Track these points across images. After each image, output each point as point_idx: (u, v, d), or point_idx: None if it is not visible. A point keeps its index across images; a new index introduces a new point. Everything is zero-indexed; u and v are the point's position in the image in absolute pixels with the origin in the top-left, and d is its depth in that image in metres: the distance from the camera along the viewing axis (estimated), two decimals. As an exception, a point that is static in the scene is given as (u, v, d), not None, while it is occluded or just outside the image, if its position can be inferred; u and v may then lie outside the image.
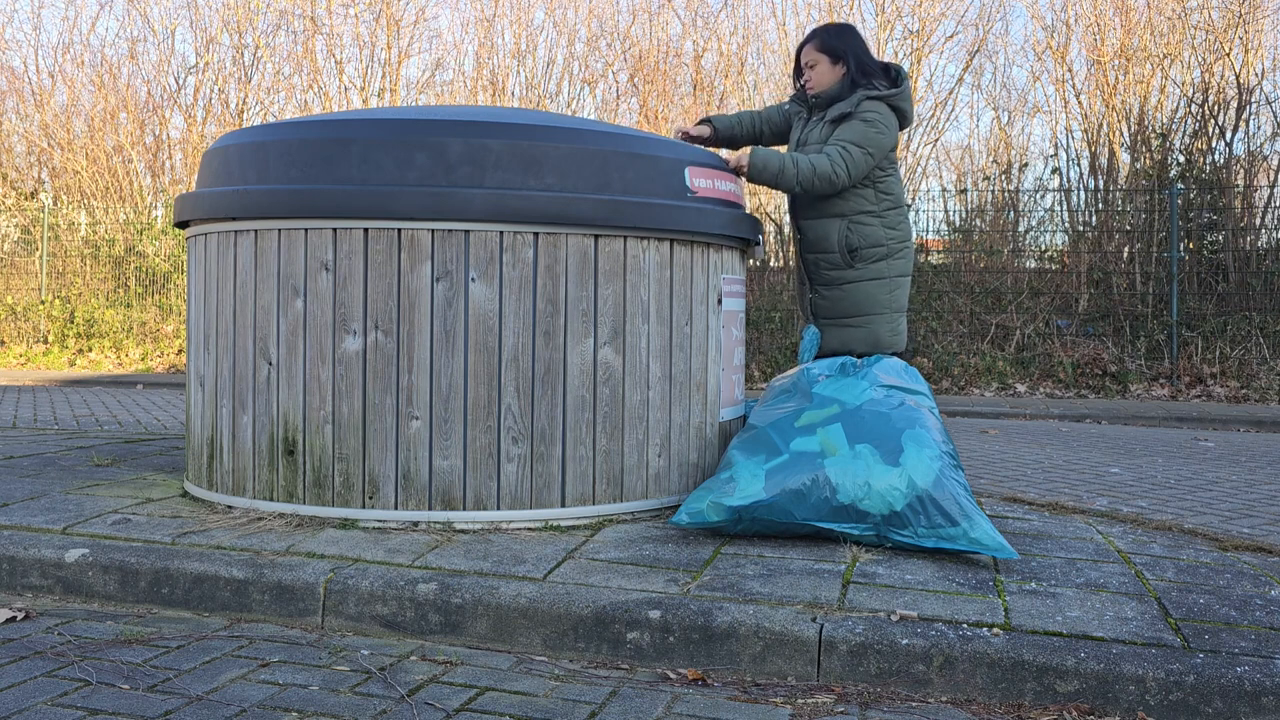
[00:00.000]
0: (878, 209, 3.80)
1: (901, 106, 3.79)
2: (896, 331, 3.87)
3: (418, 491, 3.25)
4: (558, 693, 2.32)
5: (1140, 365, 10.45)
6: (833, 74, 3.82)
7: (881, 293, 3.82)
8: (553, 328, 3.30)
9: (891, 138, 3.75)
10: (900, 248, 3.84)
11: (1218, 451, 6.45)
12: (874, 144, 3.70)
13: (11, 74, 16.23)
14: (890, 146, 3.77)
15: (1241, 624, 2.55)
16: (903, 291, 3.88)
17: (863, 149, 3.69)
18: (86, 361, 12.83)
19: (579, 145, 3.33)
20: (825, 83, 3.83)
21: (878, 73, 3.81)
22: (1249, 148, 12.09)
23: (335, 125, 3.37)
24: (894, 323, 3.86)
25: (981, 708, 2.32)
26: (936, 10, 14.26)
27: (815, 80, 3.85)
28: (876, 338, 3.84)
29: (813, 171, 3.65)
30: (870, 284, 3.81)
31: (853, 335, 3.84)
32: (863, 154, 3.68)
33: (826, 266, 3.87)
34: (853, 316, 3.85)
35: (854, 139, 3.69)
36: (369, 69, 15.42)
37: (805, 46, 3.88)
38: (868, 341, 3.83)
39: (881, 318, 3.83)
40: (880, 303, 3.83)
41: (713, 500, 3.09)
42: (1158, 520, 3.77)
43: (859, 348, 3.82)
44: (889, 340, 3.85)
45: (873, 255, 3.79)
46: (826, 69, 3.83)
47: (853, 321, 3.85)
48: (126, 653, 2.49)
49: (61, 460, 4.38)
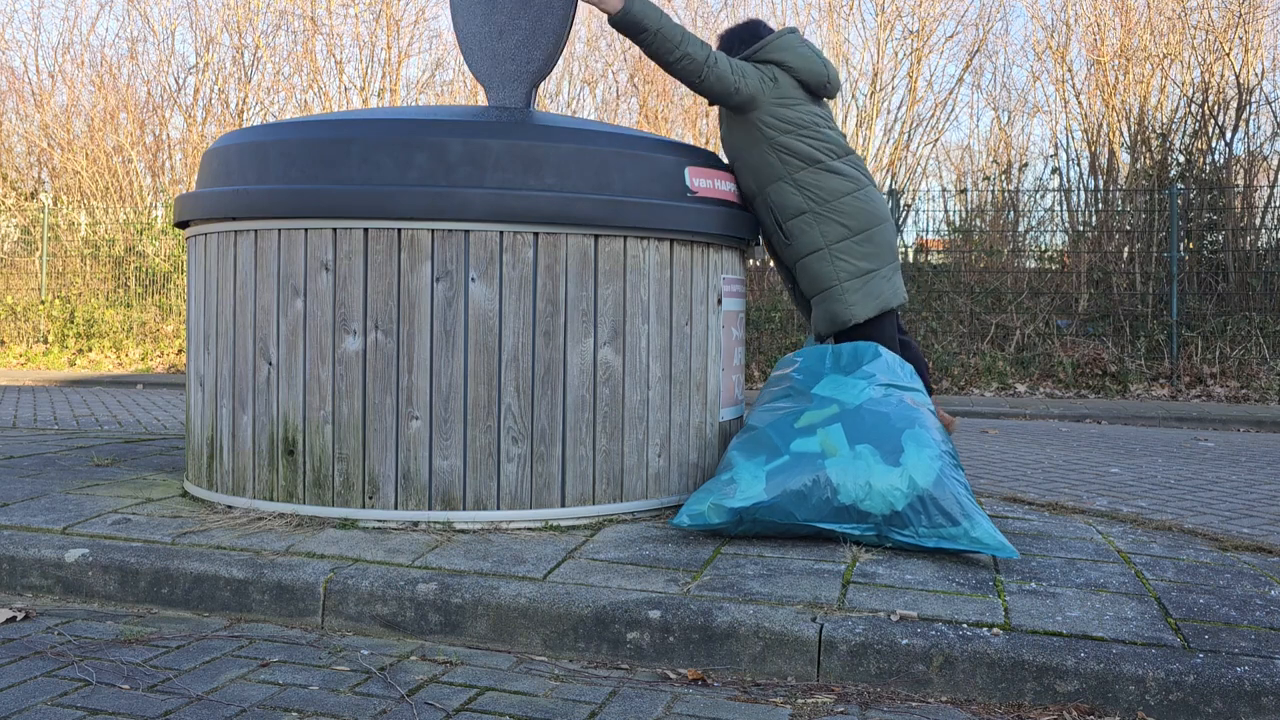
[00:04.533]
0: (785, 173, 3.65)
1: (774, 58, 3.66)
2: (852, 303, 3.63)
3: (418, 491, 3.25)
4: (558, 693, 2.32)
5: (1140, 365, 10.45)
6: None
7: (824, 265, 3.65)
8: (553, 328, 3.30)
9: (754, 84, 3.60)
10: (827, 208, 3.62)
11: (1218, 451, 6.45)
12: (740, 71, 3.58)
13: (11, 74, 16.24)
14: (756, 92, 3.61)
15: (1241, 624, 2.55)
16: (851, 257, 3.63)
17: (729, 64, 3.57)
18: (86, 361, 12.83)
19: (579, 145, 3.33)
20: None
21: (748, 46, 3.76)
22: (1249, 148, 12.09)
23: (335, 125, 3.37)
24: (849, 293, 3.64)
25: (981, 708, 2.32)
26: (936, 10, 14.26)
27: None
28: (832, 314, 3.66)
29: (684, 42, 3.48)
30: (811, 259, 3.66)
31: (819, 316, 3.71)
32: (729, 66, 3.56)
33: (779, 246, 3.77)
34: (815, 295, 3.72)
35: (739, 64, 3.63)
36: (369, 69, 15.43)
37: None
38: (827, 320, 3.68)
39: (831, 291, 3.65)
40: (825, 275, 3.65)
41: (714, 502, 3.09)
42: (1158, 520, 3.77)
43: (823, 329, 3.69)
44: (846, 314, 3.64)
45: (799, 226, 3.65)
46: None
47: (818, 300, 3.71)
48: (126, 653, 2.49)
49: (61, 460, 4.38)
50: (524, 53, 3.80)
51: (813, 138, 3.70)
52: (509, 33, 3.81)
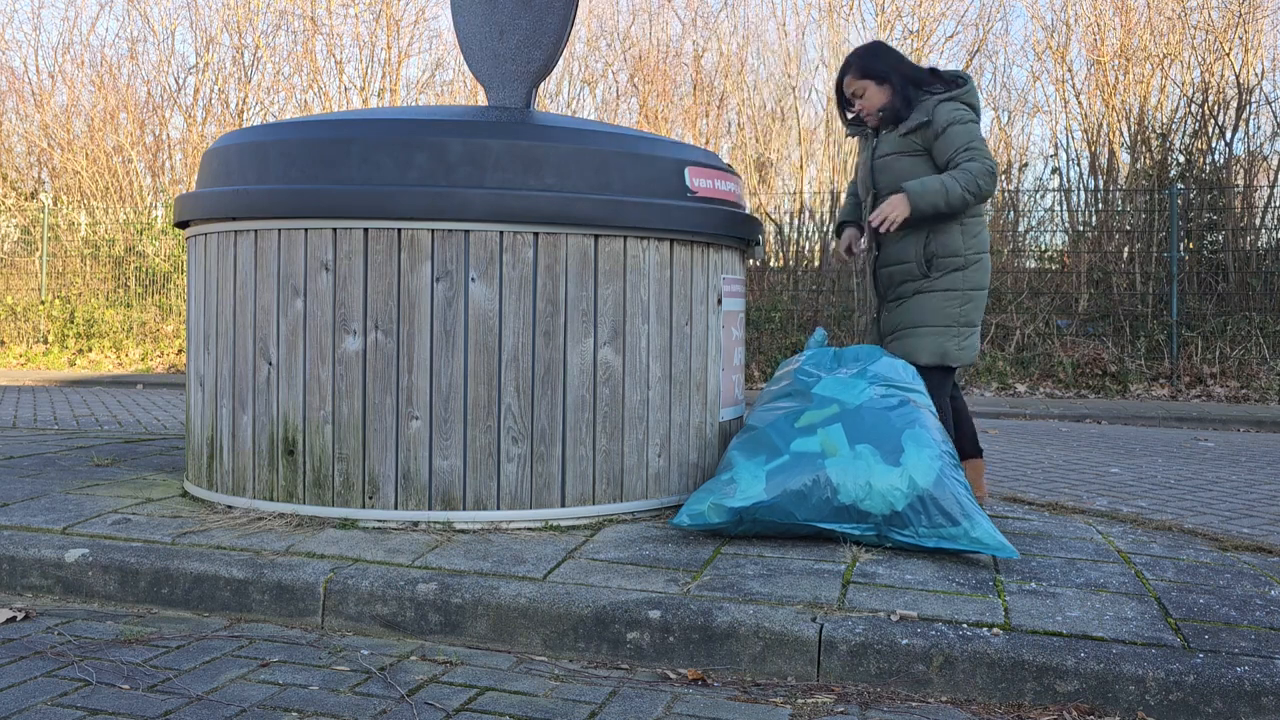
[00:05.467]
0: (961, 216, 3.65)
1: (970, 102, 3.66)
2: (963, 346, 3.66)
3: (418, 491, 3.25)
4: (558, 693, 2.32)
5: (1140, 365, 10.45)
6: (882, 94, 3.70)
7: (951, 305, 3.64)
8: (553, 328, 3.30)
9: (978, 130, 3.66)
10: (976, 259, 3.67)
11: (1218, 451, 6.45)
12: (979, 137, 3.61)
13: (11, 74, 16.24)
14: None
15: (1241, 624, 2.55)
16: (975, 306, 3.68)
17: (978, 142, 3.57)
18: (86, 361, 12.83)
19: (579, 145, 3.33)
20: (878, 103, 3.70)
21: (926, 78, 3.70)
22: (1249, 148, 12.09)
23: (335, 125, 3.37)
24: (961, 337, 3.65)
25: (981, 708, 2.32)
26: (936, 10, 14.27)
27: (867, 105, 3.73)
28: (944, 350, 3.64)
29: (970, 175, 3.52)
30: (940, 295, 3.65)
31: (919, 345, 3.65)
32: (982, 146, 3.58)
33: (902, 279, 3.72)
34: (919, 327, 3.67)
35: (966, 141, 3.56)
36: (369, 69, 15.43)
37: (845, 78, 3.76)
38: (934, 352, 3.64)
39: (948, 330, 3.64)
40: (948, 316, 3.65)
41: (714, 502, 3.09)
42: (1158, 520, 3.77)
43: (924, 359, 3.64)
44: (955, 354, 3.65)
45: (949, 265, 3.64)
46: (875, 91, 3.70)
47: (919, 332, 3.66)
48: (126, 653, 2.49)
49: (61, 460, 4.38)
50: (524, 53, 3.80)
51: None
52: (509, 33, 3.81)
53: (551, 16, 3.75)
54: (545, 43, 3.77)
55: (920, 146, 3.64)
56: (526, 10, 3.79)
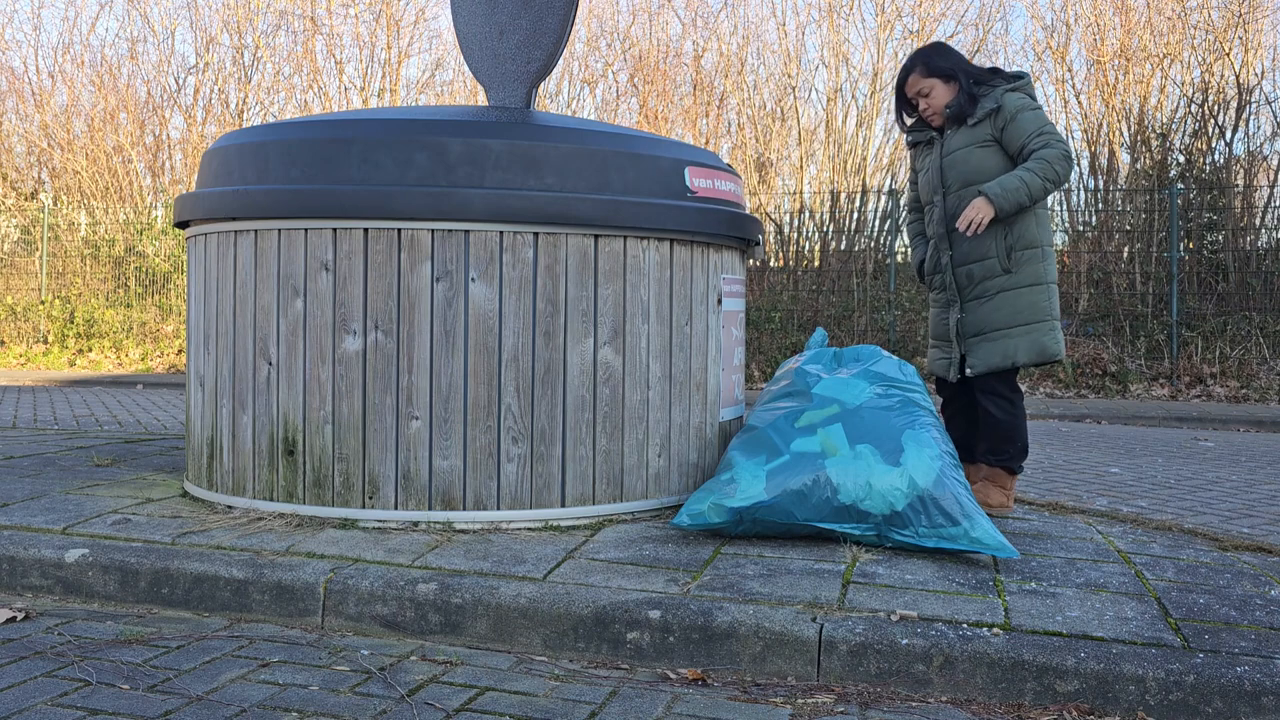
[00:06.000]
0: (1033, 206, 3.63)
1: (1032, 94, 3.68)
2: (1058, 340, 3.66)
3: (418, 491, 3.25)
4: (558, 693, 2.32)
5: (1140, 365, 10.45)
6: (949, 91, 3.70)
7: (1041, 299, 3.63)
8: (553, 328, 3.30)
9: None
10: (1050, 251, 3.69)
11: (1218, 451, 6.45)
12: (1049, 124, 3.60)
13: (11, 74, 16.24)
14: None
15: (1241, 624, 2.55)
16: (1055, 300, 3.69)
17: (1049, 126, 3.57)
18: (86, 361, 12.83)
19: (579, 145, 3.33)
20: (944, 100, 3.71)
21: (987, 76, 3.71)
22: (1249, 148, 12.10)
23: (335, 125, 3.37)
24: (1055, 330, 3.66)
25: (981, 707, 2.32)
26: (936, 10, 14.27)
27: (934, 104, 3.72)
28: (1042, 346, 3.62)
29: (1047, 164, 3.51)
30: (1029, 290, 3.63)
31: (1016, 346, 3.62)
32: (1053, 129, 3.57)
33: (982, 276, 3.67)
34: (1013, 327, 3.63)
35: (1036, 126, 3.57)
36: (369, 69, 15.43)
37: (909, 78, 3.75)
38: (1033, 351, 3.62)
39: (1045, 325, 3.64)
40: (1043, 310, 3.64)
41: (714, 501, 3.09)
42: (1158, 520, 3.77)
43: (1024, 358, 3.62)
44: (1054, 349, 3.64)
45: (1028, 258, 3.63)
46: (942, 90, 3.70)
47: (1014, 332, 3.63)
48: (126, 653, 2.49)
49: (61, 460, 4.38)
50: (524, 53, 3.80)
51: None
52: (510, 33, 3.81)
53: (551, 16, 3.75)
54: (545, 43, 3.77)
55: (991, 136, 3.64)
56: (526, 10, 3.79)
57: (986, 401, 3.67)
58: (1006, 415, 3.66)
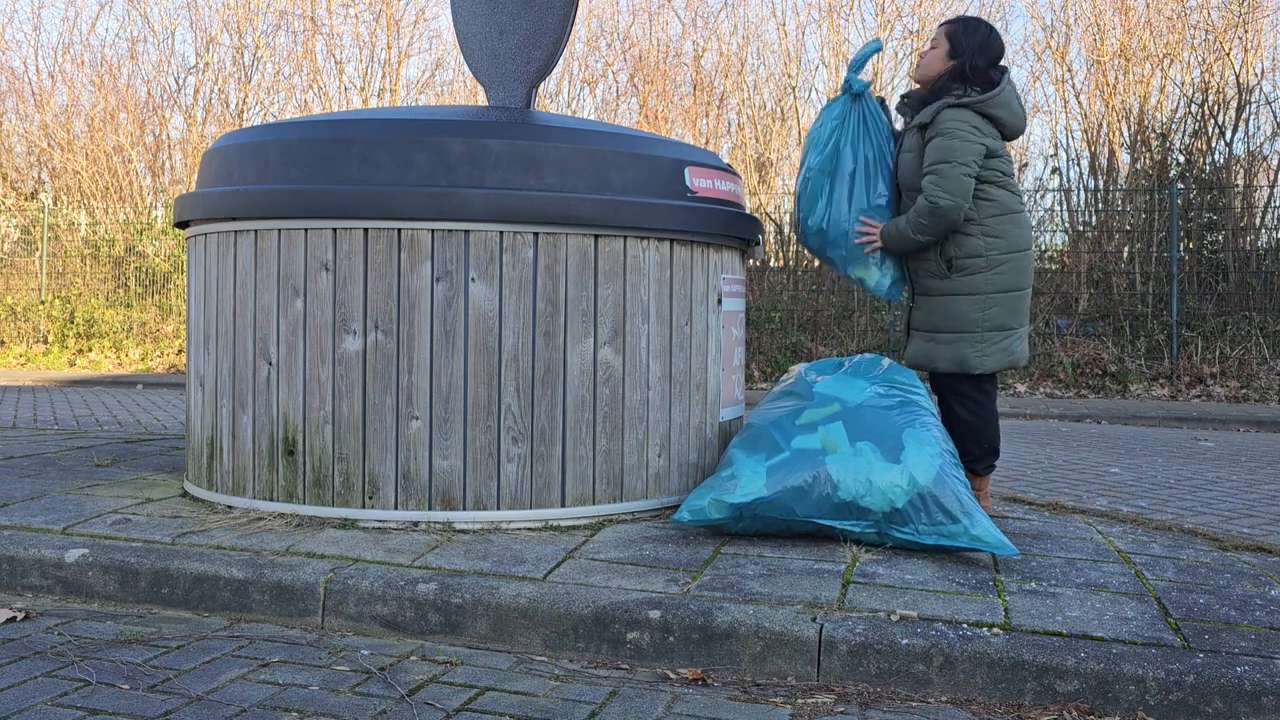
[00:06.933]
0: (978, 216, 3.56)
1: (993, 113, 3.57)
2: (987, 353, 3.57)
3: (418, 491, 3.25)
4: (558, 693, 2.32)
5: (1140, 365, 10.45)
6: (942, 65, 3.64)
7: (974, 310, 3.56)
8: (553, 328, 3.30)
9: (978, 142, 3.54)
10: (1003, 259, 3.57)
11: (1218, 451, 6.45)
12: (960, 154, 3.50)
13: (11, 74, 16.23)
14: (981, 152, 3.54)
15: (1241, 624, 2.55)
16: (1004, 310, 3.58)
17: (950, 163, 3.50)
18: (86, 361, 12.83)
19: (579, 145, 3.33)
20: (931, 71, 3.66)
21: (981, 79, 3.61)
22: (1249, 148, 12.09)
23: (335, 125, 3.37)
24: (987, 343, 3.57)
25: (981, 707, 2.32)
26: (936, 10, 14.26)
27: (925, 63, 3.68)
28: (963, 357, 3.57)
29: (919, 218, 3.52)
30: (963, 299, 3.58)
31: (938, 351, 3.61)
32: (951, 168, 3.49)
33: (925, 275, 3.67)
34: (942, 332, 3.62)
35: (937, 159, 3.53)
36: (369, 69, 15.43)
37: (942, 26, 3.71)
38: (952, 360, 3.58)
39: (970, 336, 3.57)
40: (970, 321, 3.57)
41: (714, 498, 3.09)
42: (1158, 520, 3.77)
43: (942, 365, 3.60)
44: (975, 361, 3.56)
45: (969, 267, 3.57)
46: (940, 57, 3.64)
47: (941, 337, 3.61)
48: (126, 653, 2.49)
49: (61, 460, 4.38)
50: (524, 53, 3.80)
51: (1005, 188, 3.63)
52: (510, 33, 3.81)
53: (551, 16, 3.75)
54: (545, 43, 3.77)
55: (922, 147, 3.60)
56: (526, 10, 3.79)
57: (952, 400, 3.65)
58: (971, 416, 3.62)
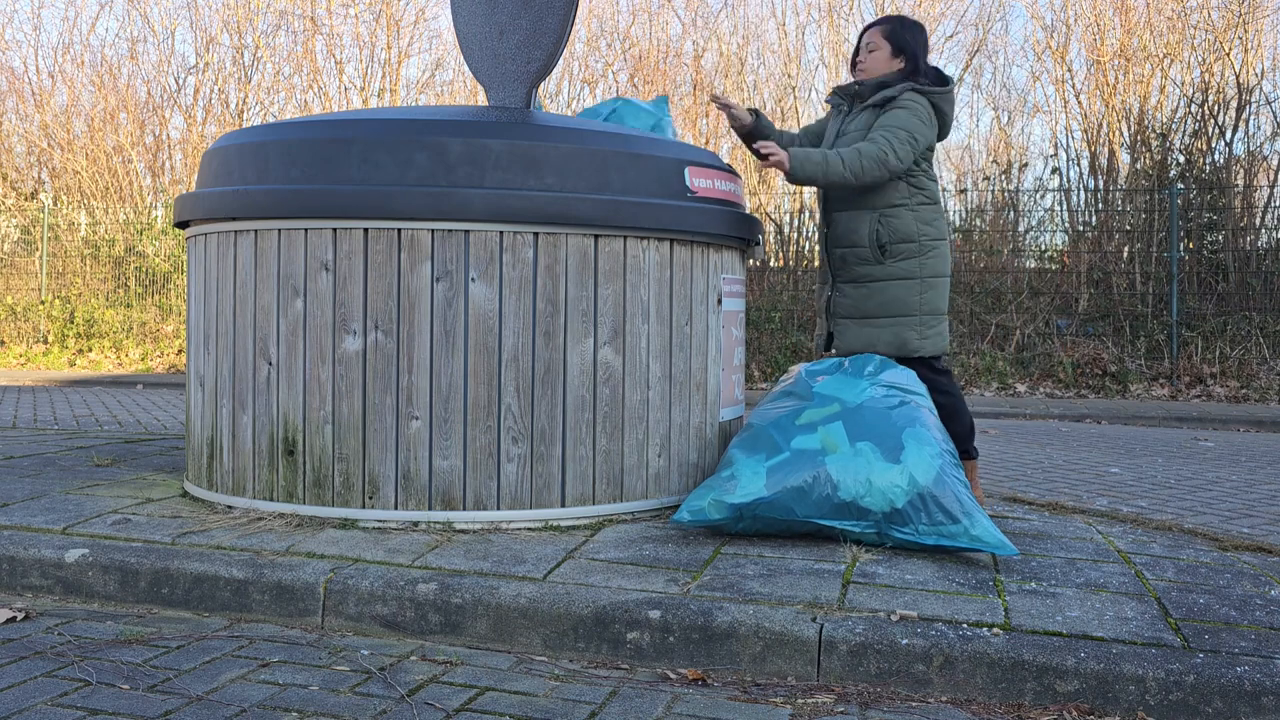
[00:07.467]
0: (910, 203, 3.63)
1: (944, 108, 3.66)
2: (926, 336, 3.66)
3: (418, 491, 3.25)
4: (558, 693, 2.32)
5: (1140, 365, 10.45)
6: (888, 65, 3.68)
7: (910, 294, 3.64)
8: (553, 328, 3.30)
9: (932, 132, 3.62)
10: (933, 246, 3.65)
11: (1218, 451, 6.45)
12: (917, 131, 3.55)
13: (11, 74, 16.23)
14: (931, 141, 3.62)
15: (1241, 624, 2.55)
16: (937, 294, 3.67)
17: (908, 132, 3.54)
18: (86, 361, 12.83)
19: (579, 145, 3.33)
20: (877, 71, 3.69)
21: (930, 76, 3.68)
22: (1249, 148, 12.09)
23: (336, 125, 3.37)
24: (925, 326, 3.66)
25: (981, 707, 2.32)
26: (936, 10, 14.27)
27: (868, 65, 3.70)
28: (903, 340, 3.64)
29: (858, 156, 3.49)
30: (899, 284, 3.64)
31: (878, 336, 3.66)
32: (909, 137, 3.53)
33: (855, 261, 3.69)
34: (879, 317, 3.67)
35: (900, 124, 3.54)
36: (369, 69, 15.43)
37: (871, 29, 3.73)
38: (893, 344, 3.64)
39: (909, 320, 3.64)
40: (909, 305, 3.64)
41: (714, 498, 3.09)
42: (1158, 520, 3.77)
43: (883, 349, 3.65)
44: (916, 344, 3.65)
45: (903, 251, 3.62)
46: (883, 58, 3.68)
47: (879, 322, 3.67)
48: (126, 653, 2.49)
49: (61, 460, 4.38)
50: (525, 53, 3.80)
51: (932, 179, 3.71)
52: (510, 33, 3.81)
53: (551, 16, 3.75)
54: (545, 43, 3.77)
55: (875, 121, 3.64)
56: (526, 10, 3.79)
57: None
58: (944, 397, 3.66)
